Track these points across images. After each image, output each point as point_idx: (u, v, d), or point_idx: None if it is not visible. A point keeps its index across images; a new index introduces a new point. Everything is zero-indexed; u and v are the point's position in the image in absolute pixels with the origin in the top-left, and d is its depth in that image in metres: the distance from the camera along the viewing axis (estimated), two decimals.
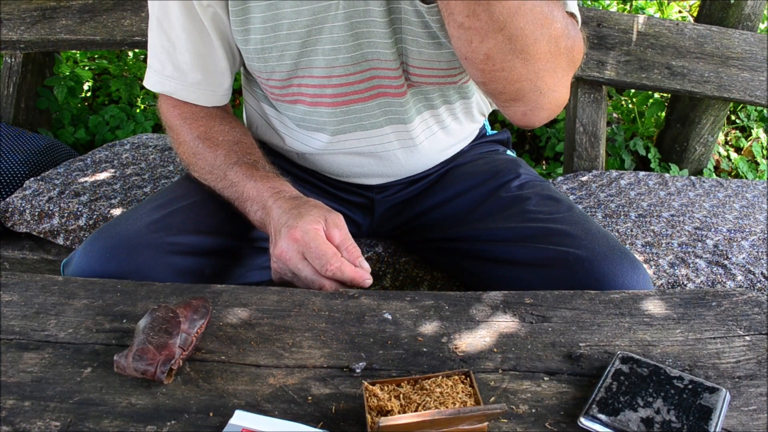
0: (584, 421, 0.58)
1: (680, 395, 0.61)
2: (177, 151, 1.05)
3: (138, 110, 2.90)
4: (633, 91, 3.02)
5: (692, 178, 2.04)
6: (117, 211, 1.54)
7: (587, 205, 1.65)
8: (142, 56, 3.22)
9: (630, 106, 3.08)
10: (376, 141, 1.06)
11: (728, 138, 3.13)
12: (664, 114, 2.84)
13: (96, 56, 3.22)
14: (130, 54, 3.21)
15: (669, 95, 2.76)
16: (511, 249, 0.98)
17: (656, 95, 2.93)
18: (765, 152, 3.01)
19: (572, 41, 0.80)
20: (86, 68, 3.05)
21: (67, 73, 2.79)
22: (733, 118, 3.17)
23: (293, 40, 0.95)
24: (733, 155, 3.01)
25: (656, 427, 0.57)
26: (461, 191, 1.13)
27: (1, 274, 0.80)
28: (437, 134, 1.11)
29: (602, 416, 0.58)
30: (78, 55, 3.12)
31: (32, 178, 1.69)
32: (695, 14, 3.15)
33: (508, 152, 1.30)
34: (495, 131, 1.32)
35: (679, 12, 3.53)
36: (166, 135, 1.84)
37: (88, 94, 3.07)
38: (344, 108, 1.01)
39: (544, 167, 2.78)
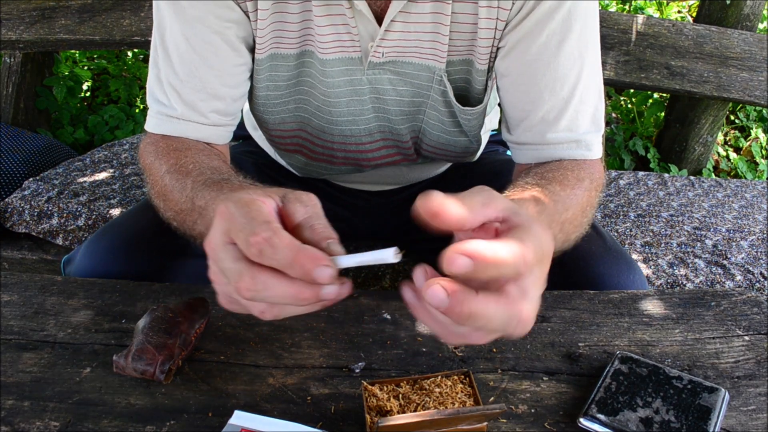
0: (583, 421, 0.58)
1: (679, 395, 0.61)
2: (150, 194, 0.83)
3: (137, 110, 2.90)
4: (632, 90, 3.02)
5: (691, 178, 2.04)
6: (116, 211, 1.54)
7: None
8: (141, 56, 3.22)
9: (629, 106, 3.08)
10: (380, 170, 1.08)
11: (727, 138, 3.13)
12: (663, 114, 2.85)
13: (95, 56, 3.21)
14: (129, 54, 3.21)
15: (668, 95, 2.77)
16: None
17: (655, 95, 2.93)
18: (764, 152, 3.01)
19: (595, 203, 0.84)
20: (85, 68, 3.05)
21: (67, 73, 2.79)
22: (732, 118, 3.17)
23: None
24: (732, 155, 3.01)
25: (655, 427, 0.57)
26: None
27: (0, 275, 0.80)
28: None
29: (601, 416, 0.58)
30: (77, 54, 3.12)
31: (31, 179, 1.68)
32: (694, 14, 3.15)
33: (508, 152, 1.29)
34: (495, 131, 1.32)
35: (678, 12, 3.54)
36: None
37: (87, 94, 3.07)
38: (349, 168, 1.03)
39: None
